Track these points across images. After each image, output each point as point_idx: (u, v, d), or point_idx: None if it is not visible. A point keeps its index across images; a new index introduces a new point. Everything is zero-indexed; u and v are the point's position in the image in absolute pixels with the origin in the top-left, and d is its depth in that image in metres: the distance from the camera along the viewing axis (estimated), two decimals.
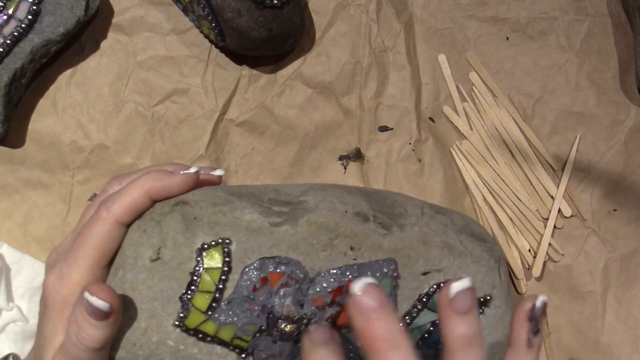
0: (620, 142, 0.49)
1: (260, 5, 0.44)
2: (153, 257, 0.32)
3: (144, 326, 0.31)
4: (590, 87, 0.50)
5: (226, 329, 0.31)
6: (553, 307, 0.46)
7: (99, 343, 0.30)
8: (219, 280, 0.31)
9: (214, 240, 0.32)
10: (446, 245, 0.34)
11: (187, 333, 0.31)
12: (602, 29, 0.51)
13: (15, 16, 0.45)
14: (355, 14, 0.50)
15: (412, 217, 0.35)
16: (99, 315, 0.30)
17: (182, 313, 0.31)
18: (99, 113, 0.48)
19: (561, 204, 0.47)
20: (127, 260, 0.32)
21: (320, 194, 0.34)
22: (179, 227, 0.32)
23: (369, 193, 0.36)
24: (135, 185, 0.33)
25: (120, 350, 0.32)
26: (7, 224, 0.46)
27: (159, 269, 0.31)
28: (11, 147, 0.47)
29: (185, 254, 0.31)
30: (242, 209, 0.32)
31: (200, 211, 0.32)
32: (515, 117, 0.49)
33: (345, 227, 0.33)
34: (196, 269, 0.31)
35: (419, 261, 0.34)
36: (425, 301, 0.34)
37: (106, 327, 0.30)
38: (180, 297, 0.31)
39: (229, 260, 0.31)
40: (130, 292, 0.32)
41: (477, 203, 0.48)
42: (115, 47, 0.49)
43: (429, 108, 0.49)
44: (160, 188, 0.33)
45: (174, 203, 0.33)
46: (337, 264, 0.32)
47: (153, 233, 0.32)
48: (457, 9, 0.51)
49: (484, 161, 0.48)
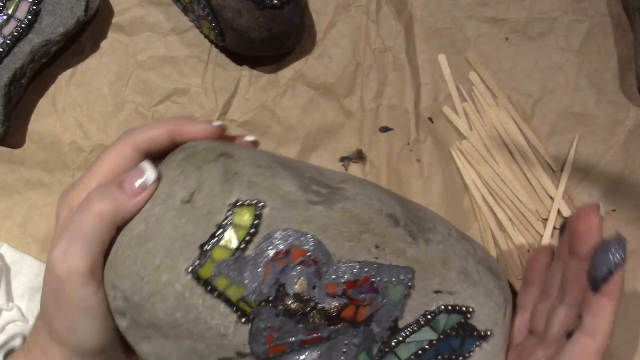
0: (620, 142, 0.49)
1: (260, 5, 0.44)
2: (185, 199, 0.31)
3: (157, 263, 0.31)
4: (589, 87, 0.50)
5: (236, 288, 0.31)
6: None
7: (117, 215, 0.31)
8: (242, 240, 0.31)
9: (248, 200, 0.31)
10: (464, 271, 0.34)
11: (197, 282, 0.31)
12: (602, 29, 0.51)
13: (15, 16, 0.45)
14: (355, 14, 0.50)
15: (439, 235, 0.35)
16: (140, 186, 0.31)
17: (198, 261, 0.31)
18: (99, 113, 0.48)
19: (560, 205, 0.47)
20: (159, 195, 0.32)
21: (359, 186, 0.34)
22: (218, 177, 0.32)
23: (403, 200, 0.36)
24: (159, 123, 0.34)
25: (126, 280, 0.31)
26: (7, 224, 0.46)
27: (187, 212, 0.31)
28: (11, 147, 0.47)
29: (217, 204, 0.31)
30: (283, 177, 0.32)
31: (243, 168, 0.32)
32: (515, 117, 0.49)
33: (376, 224, 0.33)
34: (224, 222, 0.31)
35: (434, 279, 0.33)
36: (429, 318, 0.33)
37: (139, 200, 0.32)
38: (200, 245, 0.31)
39: (258, 223, 0.31)
40: (153, 226, 0.31)
41: (477, 203, 0.48)
42: (115, 47, 0.49)
43: (428, 108, 0.49)
44: (183, 131, 0.34)
45: (219, 153, 0.33)
46: (359, 258, 0.32)
47: (191, 176, 0.32)
48: (456, 9, 0.51)
49: (483, 161, 0.48)
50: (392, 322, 0.33)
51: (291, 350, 0.32)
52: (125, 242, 0.32)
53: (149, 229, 0.31)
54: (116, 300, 0.32)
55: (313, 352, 0.32)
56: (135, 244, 0.31)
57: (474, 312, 0.34)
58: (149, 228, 0.31)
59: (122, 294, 0.32)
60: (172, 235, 0.31)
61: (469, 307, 0.34)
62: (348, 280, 0.32)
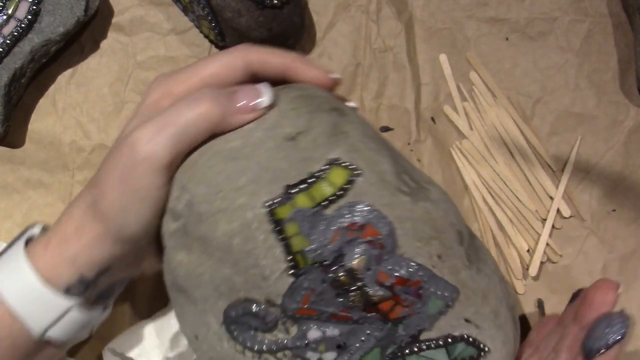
0: (620, 142, 0.49)
1: (260, 5, 0.44)
2: (290, 135, 0.31)
3: (240, 185, 0.30)
4: (589, 87, 0.50)
5: (301, 240, 0.31)
6: (552, 307, 0.46)
7: (219, 124, 0.31)
8: (327, 197, 0.31)
9: (347, 163, 0.31)
10: (496, 311, 0.35)
11: (270, 218, 0.30)
12: (602, 29, 0.51)
13: (14, 16, 0.45)
14: (355, 14, 0.50)
15: (488, 269, 0.35)
16: (253, 106, 0.31)
17: (279, 199, 0.30)
18: (99, 113, 0.48)
19: (560, 205, 0.47)
20: (266, 121, 0.31)
21: (441, 194, 0.34)
22: (327, 129, 0.31)
23: (467, 225, 0.36)
24: (279, 52, 0.34)
25: (201, 187, 0.31)
26: (7, 224, 0.46)
27: (287, 149, 0.31)
28: (11, 147, 0.47)
29: (316, 155, 0.31)
30: (384, 156, 0.32)
31: (351, 131, 0.32)
32: (515, 117, 0.49)
33: (447, 236, 0.33)
34: (317, 173, 0.31)
35: (471, 308, 0.34)
36: (449, 342, 0.33)
37: (246, 118, 0.31)
38: (288, 185, 0.30)
39: (348, 188, 0.31)
40: (250, 148, 0.31)
41: (477, 203, 0.48)
42: (115, 47, 0.49)
43: (428, 108, 0.49)
44: (299, 70, 0.34)
45: (333, 107, 0.33)
46: (418, 260, 0.32)
47: (302, 117, 0.31)
48: (457, 9, 0.51)
49: (483, 161, 0.48)
50: (417, 331, 0.33)
51: (317, 319, 0.32)
52: (214, 151, 0.31)
53: (245, 149, 0.31)
54: (178, 202, 0.32)
55: (335, 329, 0.32)
56: (225, 156, 0.31)
57: (488, 352, 0.34)
58: (245, 148, 0.31)
59: (188, 199, 0.31)
60: (265, 164, 0.31)
61: (486, 346, 0.34)
62: (401, 276, 0.32)
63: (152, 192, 0.31)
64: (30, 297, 0.33)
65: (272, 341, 0.32)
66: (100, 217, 0.32)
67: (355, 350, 0.33)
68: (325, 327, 0.32)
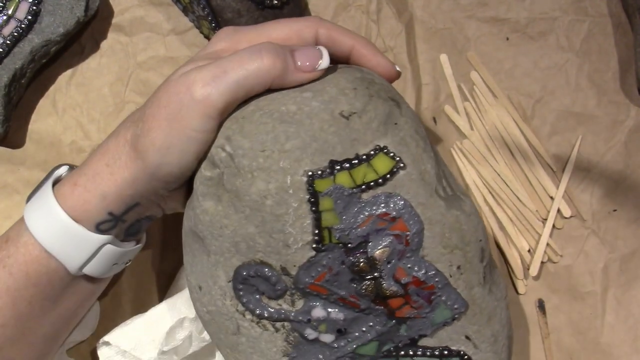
0: (621, 142, 0.49)
1: (260, 6, 0.44)
2: (345, 113, 0.31)
3: (287, 148, 0.31)
4: (590, 87, 0.50)
5: (332, 217, 0.31)
6: (553, 307, 0.46)
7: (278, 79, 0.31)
8: (368, 182, 0.31)
9: (394, 153, 0.31)
10: (496, 335, 0.35)
11: (308, 188, 0.30)
12: (602, 30, 0.51)
13: (15, 16, 0.45)
14: (355, 14, 0.50)
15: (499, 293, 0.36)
16: (312, 66, 0.32)
17: (321, 172, 0.31)
18: (99, 113, 0.48)
19: (561, 205, 0.47)
20: (324, 92, 0.32)
21: (474, 209, 0.34)
22: (381, 116, 0.32)
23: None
24: (348, 32, 0.35)
25: (246, 140, 0.31)
26: (7, 224, 0.46)
27: (339, 125, 0.31)
28: (11, 147, 0.47)
29: (366, 138, 0.31)
30: (429, 157, 0.33)
31: (403, 124, 0.32)
32: (515, 117, 0.49)
33: (471, 249, 0.33)
34: (364, 156, 0.31)
35: (474, 326, 0.34)
36: (445, 354, 0.34)
37: (304, 78, 0.32)
38: (332, 160, 0.31)
39: (389, 178, 0.31)
40: (304, 116, 0.31)
41: (477, 203, 0.48)
42: (115, 47, 0.49)
43: (429, 108, 0.49)
44: (364, 54, 0.35)
45: (391, 97, 0.33)
46: (438, 266, 0.32)
47: (360, 99, 0.32)
48: (457, 9, 0.51)
49: (484, 161, 0.48)
50: (417, 335, 0.34)
51: (326, 298, 0.32)
52: (267, 110, 0.31)
53: (299, 115, 0.31)
54: (220, 151, 0.32)
55: (340, 313, 0.33)
56: (277, 118, 0.31)
57: None
58: (299, 114, 0.31)
59: (231, 150, 0.31)
60: (315, 134, 0.31)
61: None
62: (418, 277, 0.32)
63: (199, 135, 0.31)
64: (65, 237, 0.33)
65: (275, 309, 0.33)
66: (139, 153, 0.32)
67: (354, 338, 0.33)
68: (332, 308, 0.32)
